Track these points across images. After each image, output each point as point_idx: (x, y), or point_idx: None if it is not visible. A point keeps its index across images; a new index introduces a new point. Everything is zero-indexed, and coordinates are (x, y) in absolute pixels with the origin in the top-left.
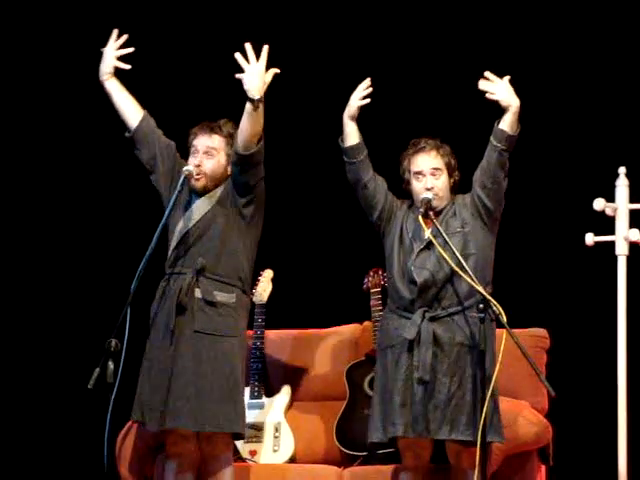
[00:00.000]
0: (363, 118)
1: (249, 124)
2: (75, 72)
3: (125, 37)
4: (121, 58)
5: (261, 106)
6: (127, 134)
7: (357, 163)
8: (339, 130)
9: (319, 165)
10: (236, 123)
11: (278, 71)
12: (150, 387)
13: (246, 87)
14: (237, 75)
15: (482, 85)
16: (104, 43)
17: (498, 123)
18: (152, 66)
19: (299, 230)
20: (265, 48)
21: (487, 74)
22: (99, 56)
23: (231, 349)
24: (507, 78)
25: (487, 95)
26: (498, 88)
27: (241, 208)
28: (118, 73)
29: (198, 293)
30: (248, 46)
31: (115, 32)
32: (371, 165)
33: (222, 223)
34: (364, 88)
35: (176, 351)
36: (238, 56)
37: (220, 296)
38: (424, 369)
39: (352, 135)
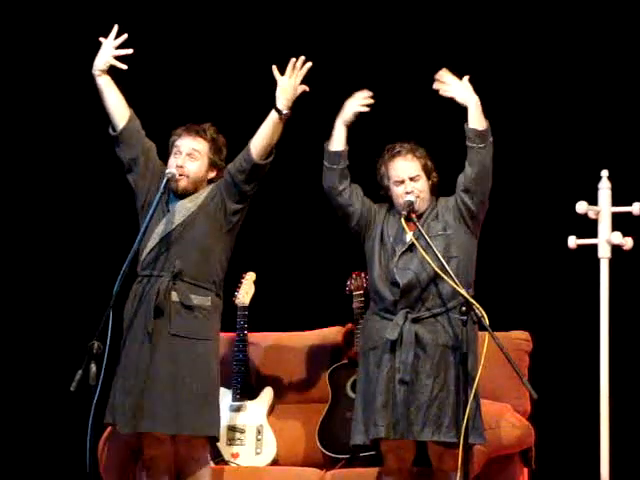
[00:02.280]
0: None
1: (270, 134)
2: (47, 71)
3: (125, 36)
4: (118, 57)
5: (283, 121)
6: (112, 132)
7: (336, 170)
8: (320, 133)
9: (302, 168)
10: (219, 128)
11: (307, 89)
12: (123, 390)
13: (278, 94)
14: (275, 70)
15: (436, 85)
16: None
17: (466, 124)
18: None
19: (281, 233)
20: (307, 65)
21: (441, 73)
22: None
23: (207, 352)
24: (466, 78)
25: (441, 92)
26: (452, 87)
27: (230, 215)
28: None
29: (175, 296)
30: (302, 58)
31: (115, 28)
32: (349, 176)
33: (202, 227)
34: (365, 97)
35: (153, 354)
36: (291, 63)
37: (196, 299)
38: (405, 370)
39: (340, 141)
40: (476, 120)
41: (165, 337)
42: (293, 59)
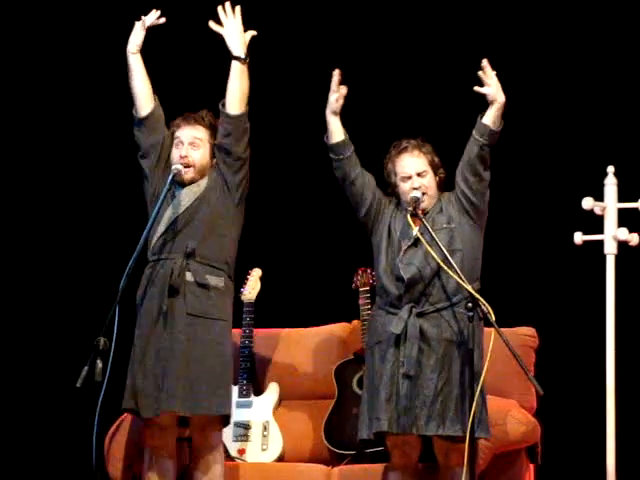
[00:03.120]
0: (349, 118)
1: (238, 83)
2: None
3: (159, 14)
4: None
5: (246, 64)
6: (136, 114)
7: (344, 160)
8: (325, 127)
9: (307, 163)
10: (215, 114)
11: (255, 33)
12: (144, 373)
13: (230, 45)
14: (213, 26)
15: (480, 74)
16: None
17: (481, 117)
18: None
19: (288, 229)
20: (238, 8)
21: (485, 63)
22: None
23: (222, 332)
24: (494, 73)
25: (476, 88)
26: (492, 82)
27: (235, 186)
28: None
29: (189, 276)
30: (227, 4)
31: (156, 12)
32: (359, 161)
33: (211, 208)
34: (337, 82)
35: (169, 334)
36: (220, 10)
37: (211, 279)
38: (410, 364)
39: (336, 132)
40: (495, 119)
41: (181, 316)
42: (220, 8)
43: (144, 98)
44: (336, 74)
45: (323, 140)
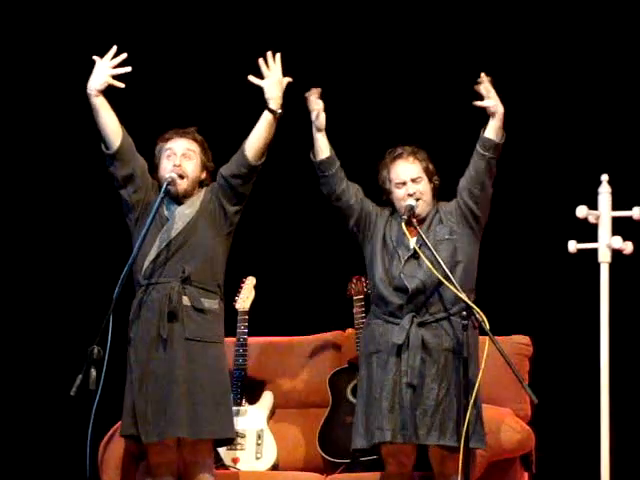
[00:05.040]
0: (344, 126)
1: (265, 134)
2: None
3: (124, 55)
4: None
5: (277, 118)
6: (106, 150)
7: (329, 176)
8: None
9: (301, 172)
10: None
11: (291, 80)
12: (145, 398)
13: (268, 97)
14: (253, 80)
15: (478, 88)
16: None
17: (484, 131)
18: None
19: (281, 237)
20: (278, 56)
21: (484, 77)
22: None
23: (220, 355)
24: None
25: (476, 102)
26: (491, 95)
27: (231, 217)
28: None
29: (186, 301)
30: (269, 54)
31: (114, 48)
32: (344, 177)
33: (203, 231)
34: (313, 100)
35: (170, 359)
36: (261, 62)
37: (206, 302)
38: (412, 374)
39: (323, 149)
40: (497, 131)
41: (180, 341)
42: (261, 59)
43: (111, 135)
44: (312, 92)
45: (309, 157)
